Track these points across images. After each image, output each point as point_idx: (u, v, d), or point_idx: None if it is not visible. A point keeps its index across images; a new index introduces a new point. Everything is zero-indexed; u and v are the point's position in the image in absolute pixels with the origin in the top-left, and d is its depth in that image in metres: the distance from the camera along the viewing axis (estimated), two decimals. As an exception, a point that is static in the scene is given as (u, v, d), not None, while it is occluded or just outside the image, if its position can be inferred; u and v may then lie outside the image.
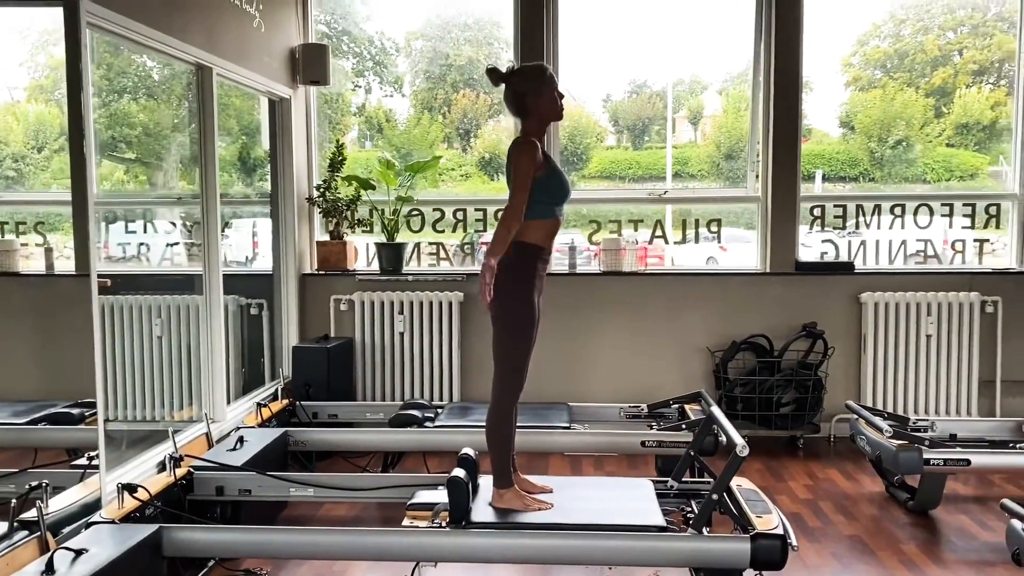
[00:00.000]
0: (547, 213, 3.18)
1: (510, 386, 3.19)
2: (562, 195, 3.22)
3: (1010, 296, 5.35)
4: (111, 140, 4.26)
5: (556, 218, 3.21)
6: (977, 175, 6.06)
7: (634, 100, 6.43)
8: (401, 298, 5.50)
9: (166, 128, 4.61)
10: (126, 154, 4.48)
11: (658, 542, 2.95)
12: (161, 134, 4.59)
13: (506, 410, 3.21)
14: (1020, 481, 4.65)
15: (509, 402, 3.21)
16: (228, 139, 4.97)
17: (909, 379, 5.36)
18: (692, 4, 5.75)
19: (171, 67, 4.28)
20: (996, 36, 5.84)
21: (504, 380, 3.19)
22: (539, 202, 3.15)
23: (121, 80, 4.24)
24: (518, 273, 3.14)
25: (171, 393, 4.35)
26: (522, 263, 3.15)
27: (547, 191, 3.17)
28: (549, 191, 3.17)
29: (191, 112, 4.35)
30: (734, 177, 5.98)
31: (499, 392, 3.21)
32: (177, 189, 4.78)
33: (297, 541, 3.02)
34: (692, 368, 5.49)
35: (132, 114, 4.41)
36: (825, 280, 5.47)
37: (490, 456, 3.23)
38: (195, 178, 4.40)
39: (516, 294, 3.13)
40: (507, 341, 3.18)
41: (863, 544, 3.81)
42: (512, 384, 3.19)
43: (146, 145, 4.55)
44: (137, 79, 4.42)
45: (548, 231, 3.21)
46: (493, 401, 3.23)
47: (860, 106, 6.17)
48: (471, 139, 6.43)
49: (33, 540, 2.78)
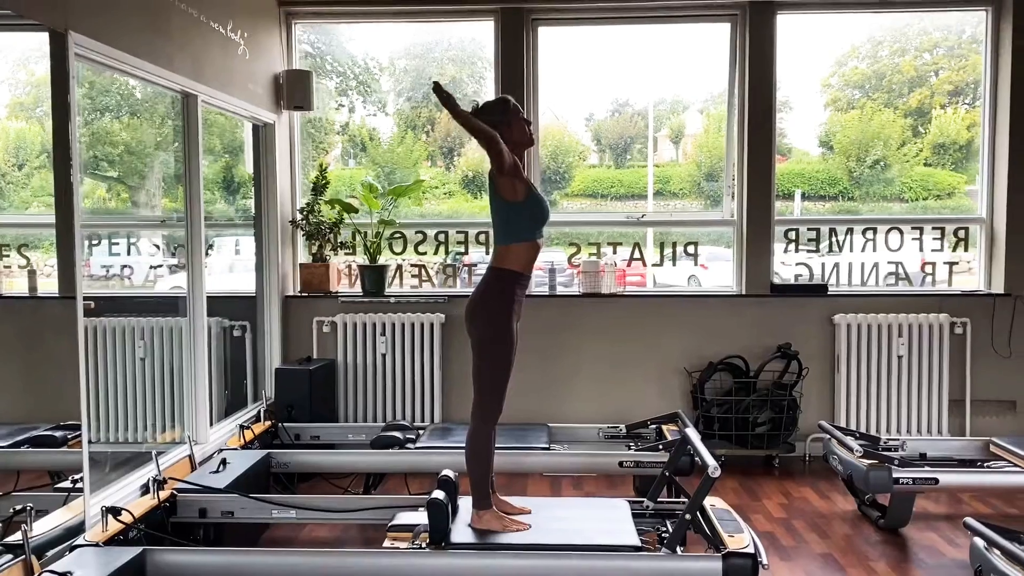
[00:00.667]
0: (528, 236, 3.27)
1: (489, 409, 3.27)
2: (542, 218, 3.32)
3: (978, 318, 5.49)
4: (93, 159, 4.31)
5: (536, 241, 3.30)
6: (954, 194, 6.18)
7: (616, 119, 6.52)
8: (383, 320, 5.56)
9: (148, 147, 4.66)
10: (108, 172, 4.53)
11: (632, 561, 3.03)
12: (143, 152, 4.64)
13: (485, 433, 3.29)
14: (988, 499, 4.76)
15: (488, 425, 3.29)
16: (209, 157, 5.01)
17: (881, 399, 5.47)
18: (673, 24, 5.84)
19: (153, 87, 4.34)
20: (971, 58, 5.99)
21: (483, 403, 3.27)
22: (521, 226, 3.25)
23: (103, 99, 4.30)
24: (497, 298, 3.23)
25: (154, 415, 4.39)
26: (500, 289, 3.24)
27: (530, 216, 3.27)
28: (532, 216, 3.28)
29: (174, 131, 4.41)
30: (715, 196, 6.08)
31: (478, 415, 3.29)
32: (159, 209, 4.82)
33: (280, 563, 3.07)
34: (670, 388, 5.59)
35: (114, 132, 4.46)
36: (799, 302, 5.59)
37: (469, 478, 3.30)
38: (178, 199, 4.46)
39: (494, 319, 3.22)
40: (486, 366, 3.26)
41: (835, 561, 3.90)
42: (491, 407, 3.27)
43: (128, 164, 4.59)
44: (120, 97, 4.47)
45: (529, 256, 3.30)
46: (473, 424, 3.30)
47: (839, 126, 6.29)
48: (455, 157, 6.50)
49: (18, 563, 2.83)
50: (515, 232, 3.25)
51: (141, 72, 3.79)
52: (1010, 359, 5.47)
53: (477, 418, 3.28)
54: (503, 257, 3.26)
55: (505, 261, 3.26)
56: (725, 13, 5.61)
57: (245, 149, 5.51)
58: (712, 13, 5.65)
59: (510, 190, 3.23)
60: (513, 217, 3.25)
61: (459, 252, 5.95)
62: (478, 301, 3.27)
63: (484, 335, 3.23)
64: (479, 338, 3.24)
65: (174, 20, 4.05)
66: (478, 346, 3.26)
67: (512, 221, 3.26)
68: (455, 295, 5.64)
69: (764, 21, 5.50)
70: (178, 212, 4.48)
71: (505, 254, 3.26)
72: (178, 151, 4.40)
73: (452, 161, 6.50)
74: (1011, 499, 4.76)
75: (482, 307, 3.23)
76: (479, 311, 3.23)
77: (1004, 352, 5.47)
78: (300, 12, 5.71)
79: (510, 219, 3.26)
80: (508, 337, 3.24)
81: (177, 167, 4.45)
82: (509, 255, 3.25)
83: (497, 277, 3.25)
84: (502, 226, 3.30)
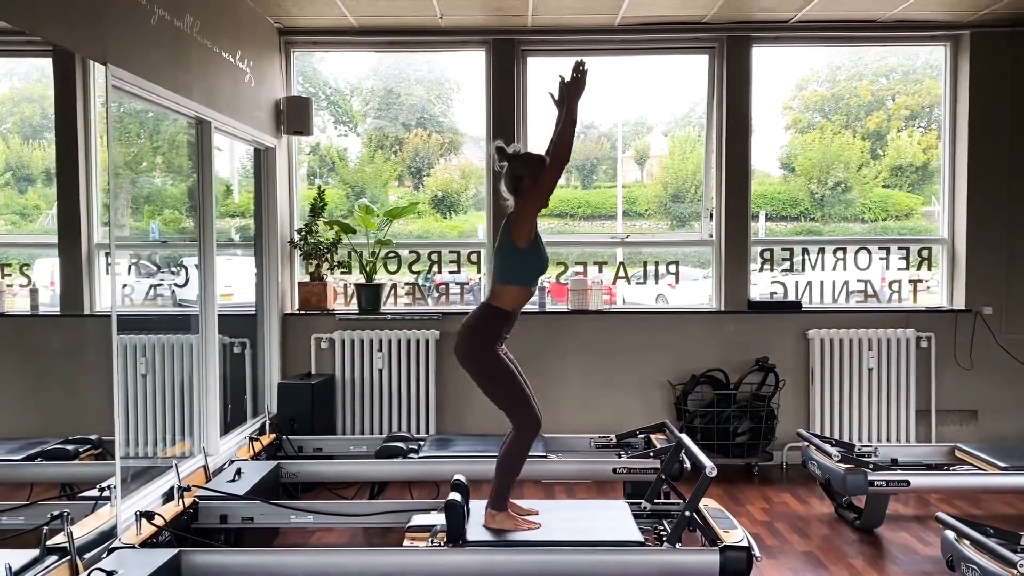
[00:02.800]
0: (528, 282, 3.52)
1: (522, 420, 3.48)
2: (542, 269, 3.59)
3: (942, 332, 5.85)
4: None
5: (531, 288, 3.54)
6: (912, 214, 6.49)
7: (583, 141, 6.74)
8: (380, 336, 5.78)
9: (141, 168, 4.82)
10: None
11: (637, 556, 3.28)
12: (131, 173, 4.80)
13: (523, 442, 3.48)
14: (955, 501, 5.09)
15: (525, 434, 3.48)
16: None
17: (853, 409, 5.79)
18: (655, 56, 6.15)
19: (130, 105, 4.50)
20: (925, 82, 6.33)
21: (514, 416, 3.49)
22: (521, 272, 3.49)
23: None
24: (483, 333, 3.47)
25: (166, 428, 4.55)
26: (488, 325, 3.47)
27: (531, 264, 3.50)
28: (533, 264, 3.51)
29: (155, 149, 4.55)
30: (681, 217, 6.36)
31: (516, 426, 3.49)
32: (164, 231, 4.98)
33: (307, 562, 3.27)
34: (654, 400, 5.86)
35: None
36: (775, 318, 5.90)
37: (496, 481, 3.51)
38: (181, 221, 4.64)
39: (483, 350, 3.46)
40: (493, 386, 3.50)
41: (817, 560, 4.18)
42: (523, 418, 3.47)
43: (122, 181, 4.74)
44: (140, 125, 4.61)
45: (522, 299, 3.53)
46: (515, 435, 3.49)
47: (800, 148, 6.59)
48: (423, 177, 6.66)
49: (64, 564, 3.00)
50: (515, 275, 3.47)
51: (164, 100, 3.99)
52: (972, 371, 5.82)
53: (515, 428, 3.50)
54: (498, 295, 3.49)
55: (499, 299, 3.48)
56: (704, 46, 5.95)
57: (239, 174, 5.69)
58: (692, 46, 5.98)
59: (524, 236, 3.44)
60: (516, 262, 3.47)
61: (428, 276, 6.17)
62: (467, 333, 3.49)
63: (475, 365, 3.47)
64: (474, 369, 3.49)
65: (192, 51, 4.27)
66: (477, 376, 3.50)
67: (514, 265, 3.47)
68: (449, 312, 5.88)
69: (741, 53, 5.85)
70: (192, 236, 4.65)
71: (500, 293, 3.49)
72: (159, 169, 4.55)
73: (420, 181, 6.65)
74: (975, 501, 5.10)
75: (470, 339, 3.47)
76: (467, 343, 3.47)
77: (966, 364, 5.83)
78: (299, 42, 5.94)
79: (513, 263, 3.47)
80: (496, 358, 3.46)
81: (181, 189, 4.62)
82: (504, 295, 3.48)
83: (489, 313, 3.49)
84: (504, 267, 3.50)
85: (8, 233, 4.00)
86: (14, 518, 3.50)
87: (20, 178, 3.86)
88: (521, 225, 3.43)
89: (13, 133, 3.75)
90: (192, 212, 4.73)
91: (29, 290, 4.63)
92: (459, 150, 6.70)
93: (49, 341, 4.34)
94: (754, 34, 5.84)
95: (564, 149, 3.39)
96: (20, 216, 3.98)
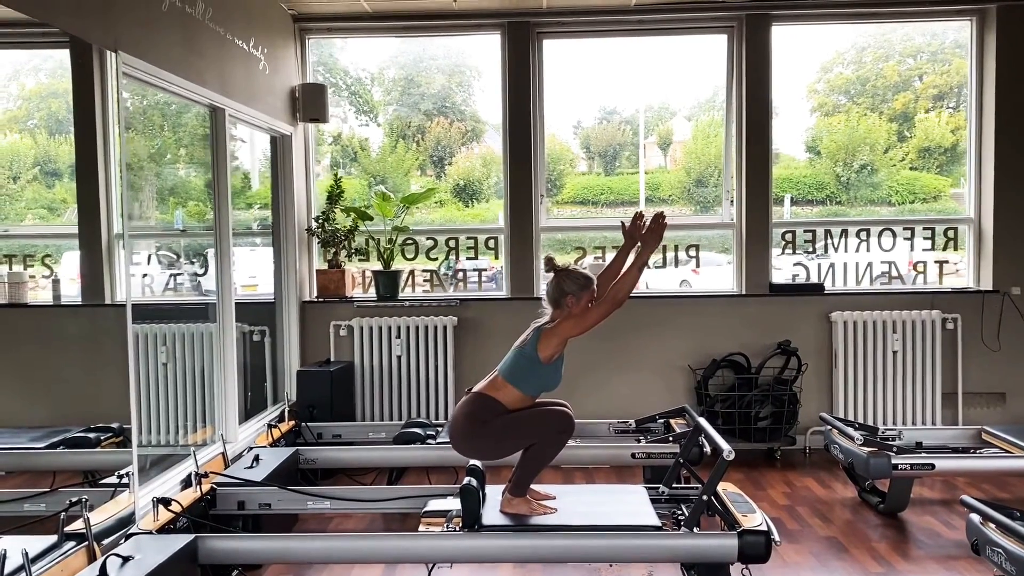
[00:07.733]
0: (532, 392, 3.45)
1: (559, 430, 3.43)
2: (551, 387, 3.50)
3: (968, 314, 5.74)
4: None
5: (533, 399, 3.47)
6: (940, 197, 6.38)
7: (605, 127, 6.69)
8: (398, 323, 5.77)
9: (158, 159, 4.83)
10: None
11: (654, 540, 3.24)
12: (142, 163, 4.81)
13: (562, 444, 3.47)
14: (981, 485, 5.00)
15: (566, 437, 3.46)
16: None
17: (877, 392, 5.71)
18: (673, 36, 6.07)
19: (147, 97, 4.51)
20: (954, 62, 6.20)
21: (553, 435, 3.43)
22: (530, 381, 3.42)
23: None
24: (483, 415, 3.39)
25: (186, 416, 4.58)
26: (486, 412, 3.39)
27: (542, 378, 3.44)
28: (544, 380, 3.45)
29: (178, 140, 4.54)
30: (704, 202, 6.29)
31: (556, 434, 3.45)
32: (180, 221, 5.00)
33: (324, 547, 3.27)
34: (675, 385, 5.81)
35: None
36: (797, 301, 5.82)
37: (520, 470, 3.47)
38: (206, 213, 4.65)
39: (486, 423, 3.38)
40: (520, 434, 3.41)
41: (839, 544, 4.12)
42: (558, 428, 3.42)
43: (146, 173, 4.76)
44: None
45: (519, 404, 3.45)
46: (552, 437, 3.45)
47: (825, 131, 6.50)
48: (445, 166, 6.64)
49: (81, 549, 3.02)
50: (523, 382, 3.41)
51: (176, 88, 3.99)
52: (999, 352, 5.72)
53: (553, 434, 3.46)
54: (498, 388, 3.42)
55: (498, 393, 3.41)
56: (722, 25, 5.86)
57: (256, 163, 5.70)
58: (710, 25, 5.89)
59: (549, 353, 3.39)
60: (531, 371, 3.41)
61: (450, 264, 6.14)
62: (465, 422, 3.41)
63: (489, 438, 3.40)
64: (490, 441, 3.42)
65: (204, 38, 4.26)
66: (497, 444, 3.44)
67: (528, 373, 3.41)
68: (467, 298, 5.86)
69: (760, 32, 5.75)
70: (208, 226, 4.66)
71: (502, 387, 3.42)
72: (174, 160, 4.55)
73: (443, 170, 6.64)
74: (1003, 484, 5.00)
75: (470, 427, 3.39)
76: (468, 430, 3.39)
77: (993, 346, 5.72)
78: (313, 28, 5.93)
79: (528, 371, 3.41)
80: (498, 418, 3.37)
81: (189, 178, 4.63)
82: (504, 391, 3.41)
83: (489, 403, 3.40)
84: (515, 368, 3.43)
85: (33, 225, 4.05)
86: (36, 505, 3.54)
87: (47, 173, 3.90)
88: (550, 340, 3.39)
89: (40, 128, 3.79)
90: (212, 201, 4.76)
91: (52, 280, 4.68)
92: (481, 138, 6.67)
93: (71, 331, 4.39)
94: (773, 11, 5.74)
95: (624, 293, 3.40)
96: (48, 210, 4.01)
